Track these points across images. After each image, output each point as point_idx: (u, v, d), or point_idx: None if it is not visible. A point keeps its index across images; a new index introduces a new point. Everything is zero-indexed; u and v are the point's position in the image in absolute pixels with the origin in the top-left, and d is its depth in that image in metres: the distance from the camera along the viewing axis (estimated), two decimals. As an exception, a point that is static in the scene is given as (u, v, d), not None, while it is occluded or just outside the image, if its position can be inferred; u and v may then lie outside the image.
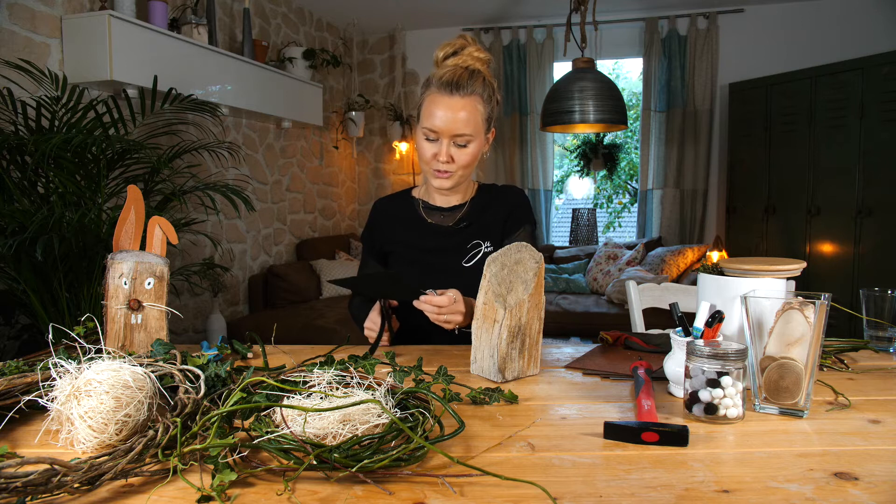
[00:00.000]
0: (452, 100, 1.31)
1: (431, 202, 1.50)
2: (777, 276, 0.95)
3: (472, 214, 1.47)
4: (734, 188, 4.77)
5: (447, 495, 0.64)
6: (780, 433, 0.81)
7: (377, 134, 5.71)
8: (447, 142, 1.33)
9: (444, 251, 1.45)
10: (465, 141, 1.34)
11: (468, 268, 1.42)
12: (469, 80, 1.31)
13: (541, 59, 5.25)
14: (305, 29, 4.93)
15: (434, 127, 1.32)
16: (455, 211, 1.48)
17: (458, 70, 1.32)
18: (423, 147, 1.37)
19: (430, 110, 1.33)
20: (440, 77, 1.32)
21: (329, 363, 0.99)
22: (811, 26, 4.75)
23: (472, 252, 1.44)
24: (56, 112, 2.18)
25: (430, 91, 1.34)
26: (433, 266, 1.44)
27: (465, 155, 1.35)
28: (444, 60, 1.36)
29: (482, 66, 1.36)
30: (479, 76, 1.34)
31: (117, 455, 0.68)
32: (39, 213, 1.91)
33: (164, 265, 1.13)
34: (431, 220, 1.48)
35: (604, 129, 3.75)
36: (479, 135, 1.36)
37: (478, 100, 1.33)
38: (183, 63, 3.15)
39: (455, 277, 1.38)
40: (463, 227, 1.45)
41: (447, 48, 1.36)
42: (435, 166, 1.36)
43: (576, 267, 5.03)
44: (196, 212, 3.35)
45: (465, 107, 1.31)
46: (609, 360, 1.18)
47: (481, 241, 1.44)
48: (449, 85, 1.31)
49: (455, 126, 1.31)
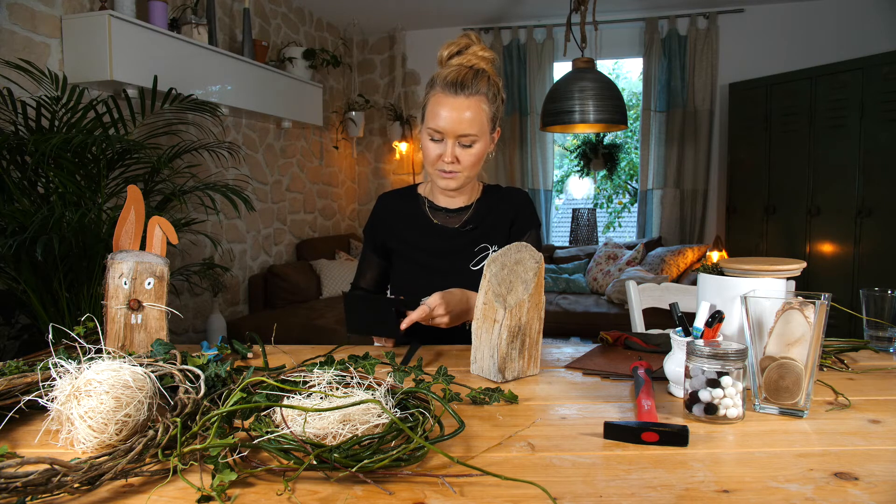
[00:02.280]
0: (457, 100, 1.30)
1: (436, 202, 1.49)
2: (777, 276, 0.95)
3: (478, 217, 1.46)
4: (734, 188, 4.77)
5: (447, 495, 0.64)
6: (780, 433, 0.81)
7: (377, 134, 5.71)
8: (452, 142, 1.32)
9: (449, 253, 1.44)
10: (470, 141, 1.33)
11: (475, 271, 1.42)
12: (474, 80, 1.30)
13: (541, 59, 5.25)
14: (305, 29, 4.93)
15: (439, 127, 1.31)
16: (461, 213, 1.47)
17: (463, 70, 1.31)
18: (428, 148, 1.35)
19: (434, 111, 1.32)
20: (445, 77, 1.31)
21: (329, 363, 0.99)
22: (811, 26, 4.75)
23: (480, 256, 1.43)
24: (56, 112, 2.18)
25: (435, 91, 1.33)
26: (437, 267, 1.44)
27: (470, 155, 1.34)
28: (449, 60, 1.35)
29: (487, 66, 1.35)
30: (484, 75, 1.33)
31: (117, 455, 0.68)
32: (39, 213, 1.91)
33: (164, 265, 1.13)
34: (436, 220, 1.47)
35: (604, 129, 3.76)
36: (485, 135, 1.35)
37: (483, 99, 1.32)
38: (183, 63, 3.15)
39: (459, 279, 1.38)
40: (469, 230, 1.45)
41: (452, 47, 1.35)
42: (440, 167, 1.35)
43: (576, 267, 5.03)
44: (196, 212, 3.35)
45: (470, 107, 1.30)
46: (609, 360, 1.18)
47: (489, 245, 1.44)
48: (454, 85, 1.30)
49: (460, 126, 1.30)
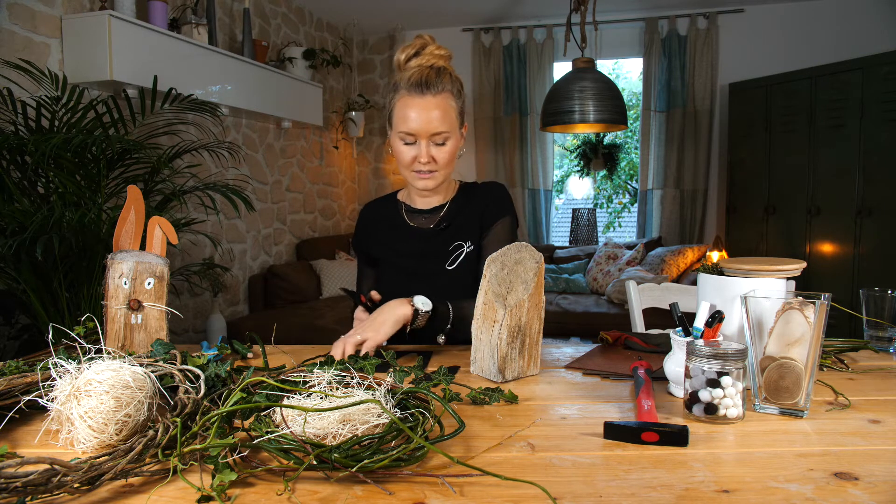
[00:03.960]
0: (424, 99, 1.31)
1: (413, 205, 1.49)
2: (777, 276, 0.95)
3: (450, 215, 1.45)
4: (734, 188, 4.77)
5: (447, 495, 0.64)
6: (780, 433, 0.81)
7: (377, 134, 5.71)
8: (426, 142, 1.33)
9: (426, 255, 1.43)
10: (443, 139, 1.33)
11: (451, 270, 1.41)
12: (438, 78, 1.31)
13: (541, 59, 5.25)
14: (305, 29, 4.93)
15: (410, 129, 1.32)
16: (435, 212, 1.46)
17: (425, 70, 1.32)
18: (402, 152, 1.36)
19: (403, 114, 1.32)
20: (408, 79, 1.32)
21: (329, 363, 0.99)
22: (811, 26, 4.75)
23: (455, 254, 1.42)
24: (56, 112, 2.18)
25: (400, 94, 1.33)
26: (416, 271, 1.43)
27: (444, 153, 1.35)
28: (407, 62, 1.35)
29: (446, 63, 1.36)
30: (446, 73, 1.34)
31: (117, 455, 0.68)
32: (39, 213, 1.91)
33: (164, 265, 1.13)
34: (413, 223, 1.47)
35: (604, 129, 3.76)
36: (455, 130, 1.36)
37: (448, 96, 1.33)
38: (183, 63, 3.15)
39: (438, 280, 1.38)
40: (442, 229, 1.44)
41: (408, 50, 1.35)
42: (416, 168, 1.36)
43: (576, 267, 5.03)
44: (196, 212, 3.35)
45: (438, 105, 1.31)
46: (609, 360, 1.18)
47: (462, 243, 1.42)
48: (419, 85, 1.30)
49: (431, 125, 1.31)
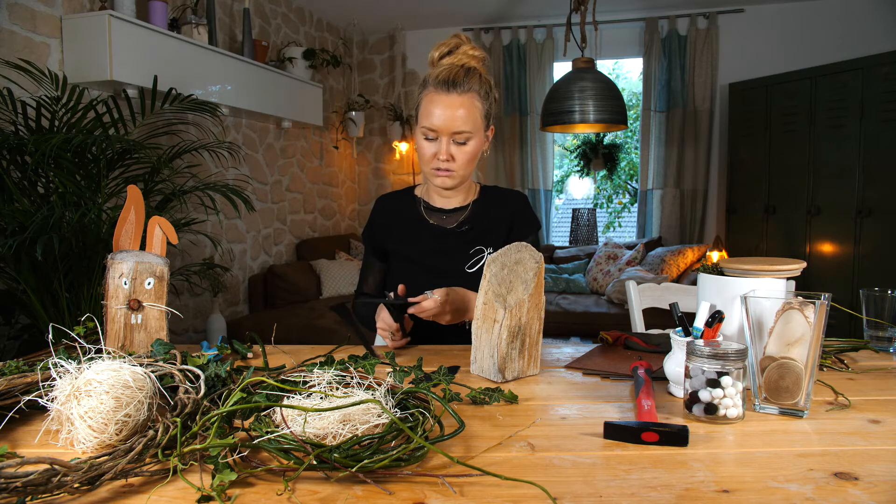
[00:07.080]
0: (450, 97, 1.31)
1: (432, 203, 1.49)
2: (777, 276, 0.95)
3: (475, 218, 1.46)
4: (734, 188, 4.77)
5: (447, 495, 0.64)
6: (780, 433, 0.81)
7: (377, 134, 5.71)
8: (447, 140, 1.34)
9: (444, 253, 1.44)
10: (464, 138, 1.34)
11: (470, 273, 1.42)
12: (465, 78, 1.32)
13: (541, 59, 5.25)
14: (305, 29, 4.93)
15: (433, 125, 1.32)
16: (457, 213, 1.47)
17: (454, 68, 1.33)
18: (423, 147, 1.37)
19: (428, 109, 1.33)
20: (437, 76, 1.33)
21: (329, 363, 0.99)
22: (811, 26, 4.75)
23: (475, 258, 1.43)
24: (56, 112, 2.18)
25: (428, 90, 1.34)
26: (432, 268, 1.44)
27: (465, 153, 1.35)
28: (440, 60, 1.36)
29: (478, 64, 1.36)
30: (476, 73, 1.34)
31: (117, 455, 0.68)
32: (39, 213, 1.91)
33: (164, 265, 1.13)
34: (432, 220, 1.48)
35: (604, 129, 3.75)
36: (479, 132, 1.36)
37: (475, 97, 1.33)
38: (183, 63, 3.15)
39: (454, 280, 1.38)
40: (465, 231, 1.45)
41: (442, 48, 1.37)
42: (435, 165, 1.36)
43: (576, 267, 5.03)
44: (196, 212, 3.35)
45: (463, 104, 1.31)
46: (609, 360, 1.18)
47: (484, 248, 1.44)
48: (446, 83, 1.31)
49: (454, 124, 1.31)
